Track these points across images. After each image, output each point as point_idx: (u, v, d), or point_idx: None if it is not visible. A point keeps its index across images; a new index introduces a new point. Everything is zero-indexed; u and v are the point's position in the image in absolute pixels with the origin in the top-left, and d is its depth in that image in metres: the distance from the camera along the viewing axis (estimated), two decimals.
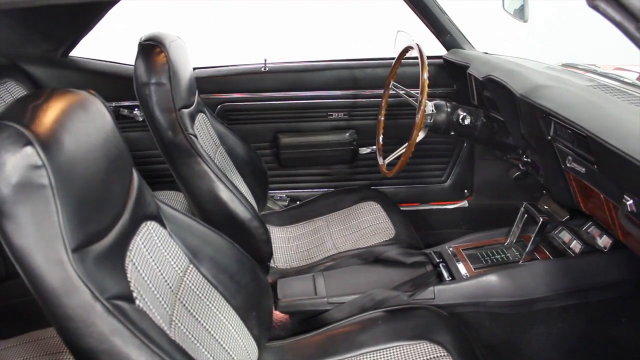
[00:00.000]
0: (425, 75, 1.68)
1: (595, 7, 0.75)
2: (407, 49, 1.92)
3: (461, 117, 1.84)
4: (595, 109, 1.34)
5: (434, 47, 2.29)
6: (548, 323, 1.63)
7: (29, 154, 0.76)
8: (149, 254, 1.09)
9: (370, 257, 1.76)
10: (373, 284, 1.65)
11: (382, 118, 2.07)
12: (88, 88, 2.11)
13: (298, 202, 2.36)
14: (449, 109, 1.85)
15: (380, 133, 2.07)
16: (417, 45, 1.79)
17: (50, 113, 0.84)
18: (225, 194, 1.63)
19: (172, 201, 2.09)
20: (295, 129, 2.32)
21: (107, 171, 0.97)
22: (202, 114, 1.87)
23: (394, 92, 2.02)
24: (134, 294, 0.95)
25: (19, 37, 2.06)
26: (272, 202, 2.36)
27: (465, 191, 2.48)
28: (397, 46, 2.22)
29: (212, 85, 2.25)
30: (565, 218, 1.79)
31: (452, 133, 1.88)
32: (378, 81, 2.22)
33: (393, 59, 2.15)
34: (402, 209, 2.21)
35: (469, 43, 2.23)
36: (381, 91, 2.20)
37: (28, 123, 0.78)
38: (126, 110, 2.22)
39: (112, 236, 0.96)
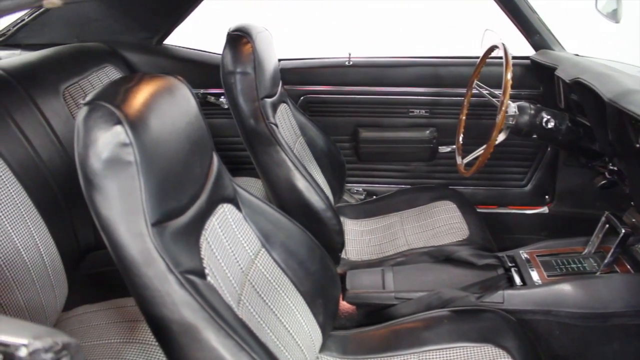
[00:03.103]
0: (509, 75, 1.65)
1: None
2: (493, 48, 1.89)
3: (545, 120, 1.79)
4: None
5: (522, 47, 2.24)
6: (624, 340, 1.55)
7: (118, 132, 0.82)
8: (223, 234, 1.14)
9: (441, 256, 1.75)
10: (441, 283, 1.64)
11: (464, 117, 2.05)
12: (178, 75, 2.23)
13: (374, 197, 2.38)
14: (532, 111, 1.80)
15: (461, 132, 2.05)
16: (503, 44, 1.76)
17: (140, 95, 0.90)
18: (301, 183, 1.67)
19: (250, 187, 2.15)
20: (376, 124, 2.34)
21: (188, 153, 1.02)
22: (285, 104, 1.92)
23: (477, 91, 1.99)
24: (206, 270, 1.01)
25: (120, 26, 2.20)
26: (349, 195, 2.39)
27: (546, 197, 2.41)
28: (484, 45, 2.19)
29: (297, 77, 2.30)
30: None
31: (535, 136, 1.83)
32: (461, 80, 2.20)
33: (478, 57, 2.12)
34: (478, 210, 2.18)
35: (559, 44, 2.16)
36: (464, 90, 2.17)
37: (119, 104, 0.84)
38: (213, 98, 2.31)
39: (190, 215, 1.02)
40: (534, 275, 1.63)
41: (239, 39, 1.65)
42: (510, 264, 1.70)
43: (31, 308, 1.42)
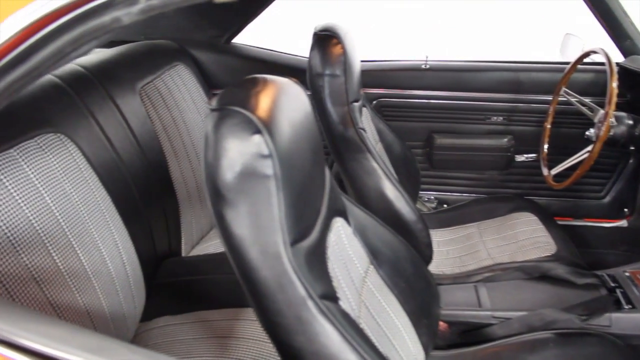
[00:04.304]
0: (614, 83, 1.56)
1: None
2: (588, 53, 1.79)
3: None
4: None
5: None
6: None
7: (257, 142, 0.74)
8: (339, 251, 1.06)
9: (536, 273, 1.65)
10: (541, 302, 1.55)
11: (549, 125, 1.96)
12: (246, 74, 2.16)
13: (445, 206, 2.29)
14: (630, 122, 1.71)
15: (546, 141, 1.95)
16: (603, 50, 1.67)
17: (271, 101, 0.81)
18: (391, 193, 1.58)
19: None
20: (451, 130, 2.24)
21: (312, 163, 0.94)
22: (365, 108, 1.84)
23: (564, 98, 1.90)
24: (338, 294, 0.93)
25: (190, 24, 2.13)
26: (421, 203, 2.30)
27: (625, 210, 2.29)
28: (565, 50, 2.09)
29: (371, 79, 2.21)
30: None
31: (632, 148, 1.74)
32: (543, 86, 2.10)
33: (561, 63, 2.02)
34: None
35: None
36: (545, 97, 2.09)
37: (254, 110, 0.76)
38: None
39: (316, 232, 0.94)
40: None
41: (328, 39, 1.57)
42: (612, 284, 1.60)
43: (115, 319, 1.36)
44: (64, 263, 1.23)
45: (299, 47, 2.25)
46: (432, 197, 2.33)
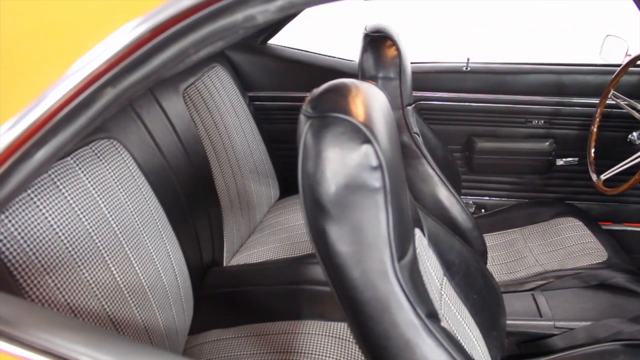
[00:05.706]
0: None
1: None
2: None
3: None
4: None
5: None
6: None
7: (366, 153, 0.68)
8: (421, 264, 1.01)
9: (594, 281, 1.60)
10: (603, 312, 1.50)
11: (595, 129, 1.91)
12: (282, 76, 2.10)
13: (483, 210, 2.24)
14: None
15: (592, 146, 1.90)
16: None
17: (371, 107, 0.76)
18: (447, 200, 1.54)
19: None
20: (491, 134, 2.18)
21: (402, 171, 0.89)
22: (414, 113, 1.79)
23: (612, 102, 1.85)
24: (440, 312, 0.88)
25: None
26: None
27: None
28: (607, 52, 2.05)
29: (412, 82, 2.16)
30: None
31: None
32: (587, 89, 2.05)
33: (606, 65, 1.98)
34: None
35: None
36: (589, 100, 2.04)
37: (360, 118, 0.70)
38: None
39: (412, 246, 0.89)
40: None
41: (382, 40, 1.52)
42: None
43: (169, 333, 1.31)
44: (122, 277, 1.18)
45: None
46: (470, 202, 2.28)
